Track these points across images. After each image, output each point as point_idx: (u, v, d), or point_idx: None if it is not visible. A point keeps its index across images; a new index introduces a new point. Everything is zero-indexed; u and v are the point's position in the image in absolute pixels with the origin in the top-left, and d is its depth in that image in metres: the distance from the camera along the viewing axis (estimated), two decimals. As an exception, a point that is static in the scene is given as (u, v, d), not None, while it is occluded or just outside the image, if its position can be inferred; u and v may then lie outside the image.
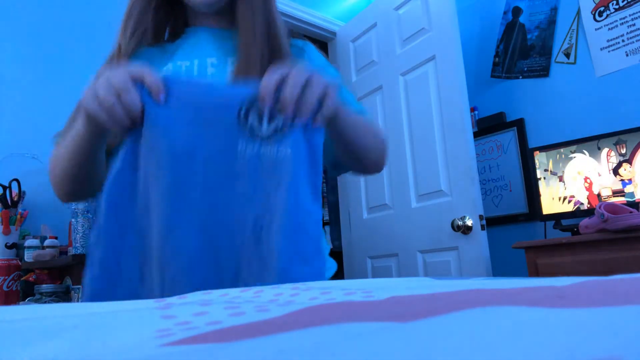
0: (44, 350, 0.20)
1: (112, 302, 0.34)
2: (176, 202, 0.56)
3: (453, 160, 2.03)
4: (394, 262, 2.25)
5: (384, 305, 0.27)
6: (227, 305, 0.28)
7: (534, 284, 0.29)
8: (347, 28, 2.71)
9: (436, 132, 2.11)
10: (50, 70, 1.81)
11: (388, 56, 2.39)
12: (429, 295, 0.29)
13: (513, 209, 2.49)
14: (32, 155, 1.69)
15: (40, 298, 1.35)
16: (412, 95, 2.26)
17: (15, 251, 1.50)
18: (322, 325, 0.21)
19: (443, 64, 2.10)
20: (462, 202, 1.97)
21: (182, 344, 0.20)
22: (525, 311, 0.20)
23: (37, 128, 1.73)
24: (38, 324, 0.27)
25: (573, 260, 1.68)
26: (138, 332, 0.23)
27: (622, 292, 0.24)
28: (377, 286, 0.37)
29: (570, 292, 0.25)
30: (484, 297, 0.26)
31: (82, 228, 1.43)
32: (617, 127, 2.06)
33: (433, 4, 2.15)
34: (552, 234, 2.09)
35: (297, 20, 2.61)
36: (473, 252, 1.91)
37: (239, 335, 0.21)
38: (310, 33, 2.71)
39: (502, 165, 2.57)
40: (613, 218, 1.58)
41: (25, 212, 1.58)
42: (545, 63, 2.45)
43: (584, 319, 0.18)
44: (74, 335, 0.22)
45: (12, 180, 1.52)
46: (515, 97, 2.56)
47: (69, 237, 1.52)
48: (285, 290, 0.35)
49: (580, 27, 2.34)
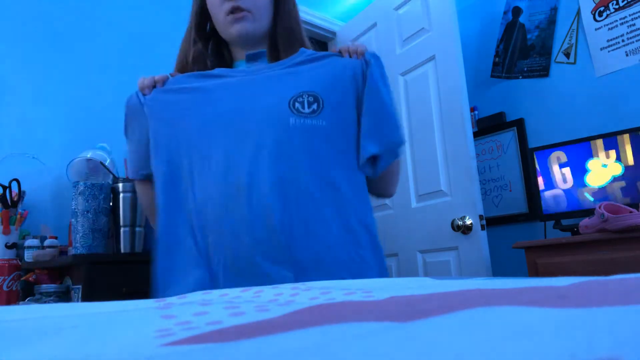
0: (43, 350, 0.20)
1: (112, 302, 0.34)
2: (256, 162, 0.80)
3: (453, 160, 2.03)
4: (394, 262, 2.25)
5: (384, 305, 0.27)
6: (227, 305, 0.28)
7: (534, 284, 0.29)
8: (347, 28, 2.71)
9: (436, 132, 2.11)
10: (50, 70, 1.81)
11: (388, 56, 2.39)
12: (429, 295, 0.29)
13: (513, 209, 2.49)
14: (32, 155, 1.69)
15: (40, 298, 1.35)
16: (412, 95, 2.26)
17: (15, 251, 1.50)
18: (322, 325, 0.21)
19: (443, 64, 2.10)
20: (462, 202, 1.97)
21: (182, 344, 0.20)
22: (525, 311, 0.20)
23: (37, 128, 1.73)
24: (38, 324, 0.27)
25: (573, 260, 1.68)
26: (138, 332, 0.23)
27: (622, 292, 0.24)
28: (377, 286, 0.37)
29: (570, 292, 0.25)
30: (484, 297, 0.26)
31: (82, 228, 1.43)
32: (617, 127, 2.06)
33: (433, 4, 2.15)
34: (552, 234, 2.09)
35: (297, 20, 2.60)
36: (473, 252, 1.91)
37: (239, 335, 0.21)
38: (310, 33, 2.71)
39: (502, 165, 2.57)
40: (613, 218, 1.58)
41: (25, 212, 1.58)
42: (545, 63, 2.45)
43: (584, 319, 0.18)
44: (74, 335, 0.22)
45: (12, 180, 1.52)
46: (515, 97, 2.56)
47: (69, 237, 1.52)
48: (285, 290, 0.35)
49: (580, 27, 2.34)
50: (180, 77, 0.91)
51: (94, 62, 1.92)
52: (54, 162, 1.72)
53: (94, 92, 1.89)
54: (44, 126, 1.75)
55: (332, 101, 0.84)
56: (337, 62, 0.89)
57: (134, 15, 2.05)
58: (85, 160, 1.63)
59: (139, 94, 0.91)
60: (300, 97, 0.83)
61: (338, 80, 0.86)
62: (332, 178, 0.81)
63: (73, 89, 1.85)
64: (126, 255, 1.50)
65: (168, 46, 2.03)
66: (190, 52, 0.94)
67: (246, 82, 0.87)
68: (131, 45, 2.02)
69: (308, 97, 0.83)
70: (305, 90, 0.83)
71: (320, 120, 0.81)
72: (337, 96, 0.85)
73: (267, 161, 0.78)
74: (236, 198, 0.77)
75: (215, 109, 0.85)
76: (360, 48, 0.89)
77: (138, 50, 2.04)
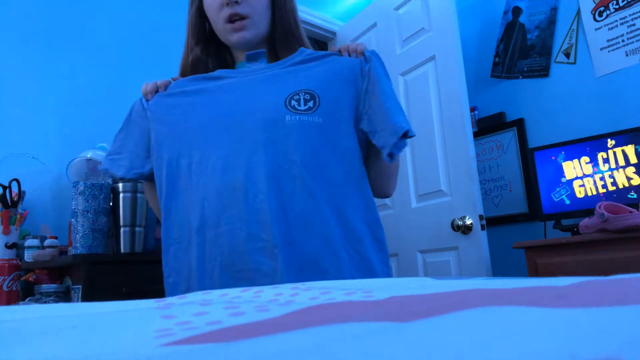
0: (43, 350, 0.20)
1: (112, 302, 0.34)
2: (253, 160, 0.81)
3: (453, 160, 2.03)
4: (394, 262, 2.25)
5: (384, 305, 0.27)
6: (227, 305, 0.28)
7: (534, 284, 0.29)
8: (347, 28, 2.71)
9: (436, 132, 2.11)
10: (51, 70, 1.81)
11: (388, 56, 2.39)
12: (429, 295, 0.29)
13: (513, 209, 2.49)
14: (32, 155, 1.69)
15: (40, 298, 1.35)
16: (412, 95, 2.26)
17: (15, 251, 1.50)
18: (322, 325, 0.21)
19: (443, 64, 2.10)
20: (462, 202, 1.97)
21: (182, 344, 0.20)
22: (525, 311, 0.20)
23: (37, 128, 1.74)
24: (38, 324, 0.27)
25: (573, 260, 1.68)
26: (138, 332, 0.23)
27: (622, 292, 0.24)
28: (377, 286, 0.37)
29: (570, 292, 0.25)
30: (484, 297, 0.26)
31: (82, 228, 1.43)
32: (617, 127, 2.06)
33: (433, 4, 2.15)
34: (552, 234, 2.09)
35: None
36: (473, 252, 1.91)
37: (239, 335, 0.21)
38: (310, 33, 2.71)
39: (502, 165, 2.57)
40: (613, 218, 1.58)
41: (25, 212, 1.58)
42: (545, 63, 2.45)
43: (584, 319, 0.18)
44: (74, 335, 0.22)
45: (12, 180, 1.52)
46: (515, 97, 2.56)
47: (69, 237, 1.52)
48: (285, 290, 0.35)
49: (580, 27, 2.34)
50: (182, 81, 0.92)
51: (94, 62, 1.92)
52: (54, 162, 1.72)
53: (94, 92, 1.89)
54: (44, 126, 1.75)
55: (329, 99, 0.84)
56: (336, 60, 0.89)
57: (134, 15, 2.05)
58: (85, 160, 1.63)
59: (142, 100, 0.93)
60: (297, 94, 0.83)
61: (336, 78, 0.86)
62: (329, 174, 0.81)
63: (73, 89, 1.85)
64: (126, 255, 1.50)
65: (169, 46, 2.03)
66: (190, 55, 0.95)
67: (245, 83, 0.88)
68: (131, 45, 2.02)
69: (304, 95, 0.83)
70: (301, 88, 0.84)
71: (316, 117, 0.82)
72: (335, 94, 0.85)
73: (263, 158, 0.79)
74: (233, 196, 0.78)
75: (214, 111, 0.85)
76: (360, 47, 0.90)
77: (138, 50, 2.04)
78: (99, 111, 1.87)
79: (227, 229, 0.78)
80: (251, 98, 0.85)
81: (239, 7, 0.86)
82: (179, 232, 0.83)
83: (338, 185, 0.82)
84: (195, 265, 0.80)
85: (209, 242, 0.79)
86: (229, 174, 0.80)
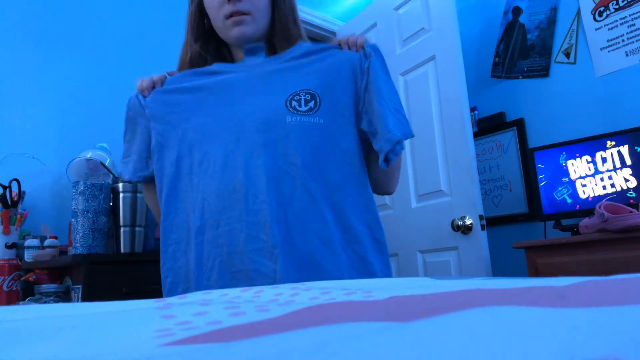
0: (43, 350, 0.20)
1: (112, 302, 0.34)
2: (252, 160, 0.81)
3: (453, 160, 2.03)
4: (394, 262, 2.25)
5: (384, 305, 0.27)
6: (227, 305, 0.28)
7: (534, 284, 0.29)
8: (347, 28, 2.71)
9: (436, 132, 2.11)
10: (51, 70, 1.81)
11: (388, 56, 2.38)
12: (429, 295, 0.29)
13: (513, 209, 2.49)
14: (32, 155, 1.69)
15: (40, 298, 1.35)
16: (412, 95, 2.26)
17: (15, 251, 1.50)
18: (322, 325, 0.21)
19: (443, 64, 2.10)
20: (462, 202, 1.97)
21: (182, 344, 0.20)
22: (525, 311, 0.20)
23: (37, 128, 1.73)
24: (38, 324, 0.27)
25: (573, 260, 1.68)
26: (138, 332, 0.23)
27: (622, 292, 0.24)
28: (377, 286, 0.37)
29: (570, 292, 0.25)
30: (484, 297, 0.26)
31: (82, 228, 1.43)
32: (617, 127, 2.06)
33: (433, 4, 2.15)
34: (552, 234, 2.09)
35: (297, 20, 2.60)
36: (473, 252, 1.91)
37: (239, 335, 0.21)
38: (310, 33, 2.71)
39: (502, 165, 2.57)
40: (613, 218, 1.58)
41: (25, 212, 1.58)
42: (545, 63, 2.45)
43: (584, 319, 0.18)
44: (74, 335, 0.22)
45: (12, 180, 1.52)
46: (515, 97, 2.56)
47: (69, 237, 1.52)
48: (285, 290, 0.35)
49: (580, 27, 2.33)
50: (179, 76, 0.92)
51: (94, 62, 1.92)
52: (54, 162, 1.72)
53: (94, 92, 1.89)
54: (44, 126, 1.75)
55: (329, 99, 0.83)
56: (336, 56, 0.88)
57: (134, 15, 2.05)
58: (85, 160, 1.63)
59: (139, 96, 0.91)
60: (297, 95, 0.83)
61: (336, 77, 0.86)
62: (329, 175, 0.81)
63: (73, 89, 1.85)
64: (126, 255, 1.50)
65: (168, 46, 2.03)
66: (189, 52, 0.94)
67: (244, 80, 0.87)
68: (131, 45, 2.02)
69: (305, 95, 0.83)
70: (302, 88, 0.83)
71: (317, 118, 0.82)
72: (335, 93, 0.85)
73: (263, 159, 0.79)
74: (233, 196, 0.78)
75: (214, 110, 0.85)
76: (360, 40, 0.89)
77: (138, 50, 2.04)
78: (98, 111, 1.87)
79: (226, 230, 0.78)
80: (251, 97, 0.85)
81: (240, 4, 0.86)
82: (178, 233, 0.83)
83: (338, 186, 0.82)
84: (193, 266, 0.80)
85: (208, 243, 0.79)
86: (229, 175, 0.79)
